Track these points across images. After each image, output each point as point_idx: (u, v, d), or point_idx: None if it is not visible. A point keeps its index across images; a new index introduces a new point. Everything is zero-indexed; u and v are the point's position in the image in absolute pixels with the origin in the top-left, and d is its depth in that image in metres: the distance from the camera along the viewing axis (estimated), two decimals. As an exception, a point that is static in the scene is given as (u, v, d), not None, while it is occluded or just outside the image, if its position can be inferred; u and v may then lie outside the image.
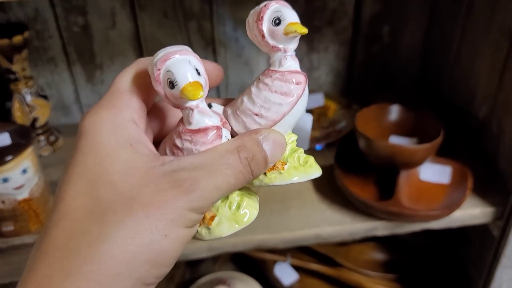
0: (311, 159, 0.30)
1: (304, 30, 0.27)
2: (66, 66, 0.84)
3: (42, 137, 0.80)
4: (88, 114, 0.26)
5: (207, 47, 0.85)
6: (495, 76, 0.71)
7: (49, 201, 0.67)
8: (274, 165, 0.29)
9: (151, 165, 0.25)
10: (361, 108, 0.75)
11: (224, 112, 0.30)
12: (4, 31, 0.69)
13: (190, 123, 0.26)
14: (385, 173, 0.69)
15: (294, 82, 0.28)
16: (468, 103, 0.80)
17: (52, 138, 0.81)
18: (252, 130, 0.28)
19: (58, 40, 0.81)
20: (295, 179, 0.29)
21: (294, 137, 0.31)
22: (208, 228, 0.28)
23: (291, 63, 0.29)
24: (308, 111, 0.88)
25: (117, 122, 0.26)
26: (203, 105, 0.27)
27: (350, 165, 0.71)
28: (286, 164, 0.29)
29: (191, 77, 0.25)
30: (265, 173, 0.29)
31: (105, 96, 0.27)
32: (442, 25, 0.85)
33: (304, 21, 0.92)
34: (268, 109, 0.28)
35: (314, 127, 0.83)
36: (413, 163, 0.67)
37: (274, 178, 0.29)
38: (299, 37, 0.29)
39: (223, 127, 0.27)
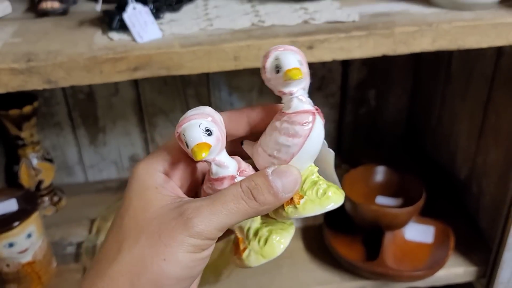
0: (331, 189, 0.31)
1: (300, 76, 0.29)
2: (71, 129, 0.89)
3: (46, 198, 0.84)
4: (135, 165, 0.33)
5: (204, 111, 0.91)
6: (473, 140, 0.76)
7: (51, 262, 0.70)
8: (292, 199, 0.30)
9: (168, 203, 0.30)
10: (350, 167, 0.80)
11: (254, 148, 0.33)
12: (15, 101, 0.75)
13: (211, 173, 0.31)
14: (371, 234, 0.73)
15: (301, 123, 0.30)
16: (450, 164, 0.85)
17: (55, 198, 0.85)
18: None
19: (64, 106, 0.86)
20: (309, 213, 0.30)
21: (315, 169, 0.31)
22: (240, 259, 0.32)
23: (298, 104, 0.30)
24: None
25: (149, 171, 0.31)
26: (220, 157, 0.30)
27: (338, 225, 0.75)
28: (303, 198, 0.30)
29: (199, 139, 0.29)
30: (283, 207, 0.30)
31: (153, 151, 0.34)
32: (425, 90, 0.91)
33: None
34: (279, 150, 0.30)
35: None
36: (396, 225, 0.70)
37: (290, 213, 0.30)
38: (304, 77, 0.30)
39: (239, 175, 0.31)
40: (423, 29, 0.50)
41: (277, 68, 0.30)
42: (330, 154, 0.34)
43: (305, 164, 0.31)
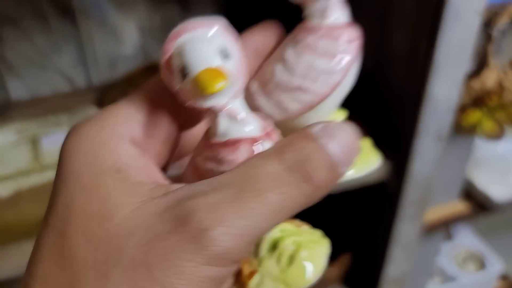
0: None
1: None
2: None
3: None
4: (69, 133, 0.18)
5: (65, 17, 0.74)
6: (377, 26, 0.68)
7: None
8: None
9: (146, 198, 0.16)
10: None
11: (248, 89, 0.20)
12: None
13: (215, 134, 0.18)
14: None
15: (346, 40, 0.21)
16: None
17: None
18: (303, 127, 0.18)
19: None
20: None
21: (343, 116, 0.21)
22: None
23: (339, 14, 0.21)
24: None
25: (101, 141, 0.17)
26: (237, 104, 0.18)
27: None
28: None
29: (209, 61, 0.16)
30: None
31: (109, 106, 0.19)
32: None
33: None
34: (314, 79, 0.20)
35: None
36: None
37: None
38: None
39: (266, 139, 0.18)
40: None
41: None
42: None
43: (335, 107, 0.21)
